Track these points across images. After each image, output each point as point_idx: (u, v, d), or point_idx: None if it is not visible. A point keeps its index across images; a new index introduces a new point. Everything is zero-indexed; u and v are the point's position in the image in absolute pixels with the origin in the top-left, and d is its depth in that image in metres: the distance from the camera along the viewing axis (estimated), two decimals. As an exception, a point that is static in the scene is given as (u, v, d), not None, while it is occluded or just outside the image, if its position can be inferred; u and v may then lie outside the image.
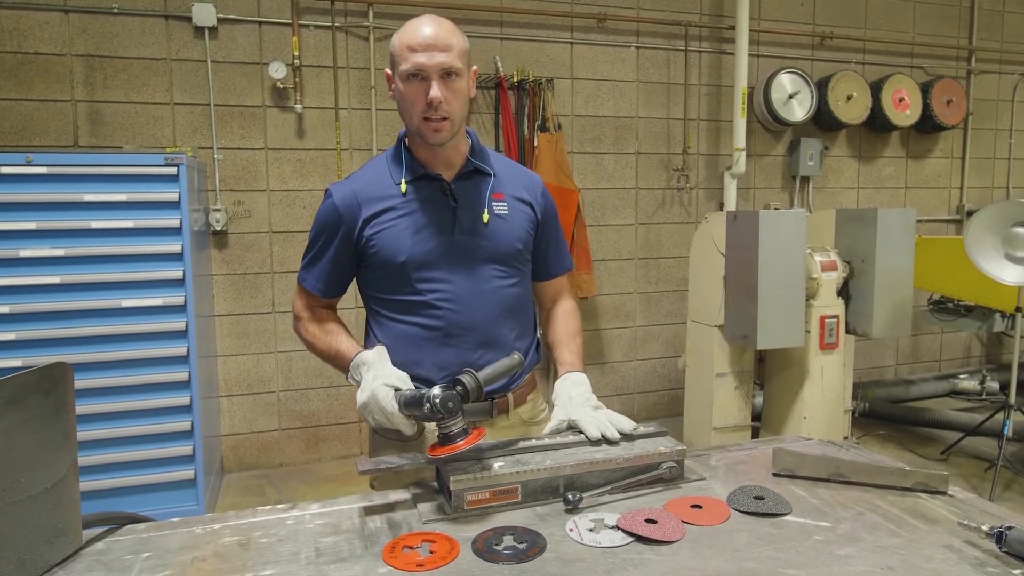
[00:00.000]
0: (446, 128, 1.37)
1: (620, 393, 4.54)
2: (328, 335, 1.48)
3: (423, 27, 1.35)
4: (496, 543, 1.05)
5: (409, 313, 1.45)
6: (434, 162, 1.45)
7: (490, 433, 1.46)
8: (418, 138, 1.42)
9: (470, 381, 1.20)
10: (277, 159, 3.76)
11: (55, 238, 2.79)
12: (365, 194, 1.43)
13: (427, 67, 1.32)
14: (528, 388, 1.58)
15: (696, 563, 0.99)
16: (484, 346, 1.44)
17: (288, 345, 3.85)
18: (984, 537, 1.02)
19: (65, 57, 3.40)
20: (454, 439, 1.16)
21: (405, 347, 1.43)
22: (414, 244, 1.40)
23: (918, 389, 4.92)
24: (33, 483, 0.98)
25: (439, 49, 1.33)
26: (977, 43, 5.19)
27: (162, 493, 2.99)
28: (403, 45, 1.34)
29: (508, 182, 1.51)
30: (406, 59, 1.33)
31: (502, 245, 1.46)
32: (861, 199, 5.04)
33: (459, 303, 1.42)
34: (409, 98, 1.35)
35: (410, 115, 1.37)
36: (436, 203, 1.43)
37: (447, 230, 1.42)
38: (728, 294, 3.40)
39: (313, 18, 3.73)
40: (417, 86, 1.34)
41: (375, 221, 1.42)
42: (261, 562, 1.02)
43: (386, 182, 1.44)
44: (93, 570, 1.01)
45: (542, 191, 1.56)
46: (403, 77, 1.35)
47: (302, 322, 1.54)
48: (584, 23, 4.20)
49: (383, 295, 1.47)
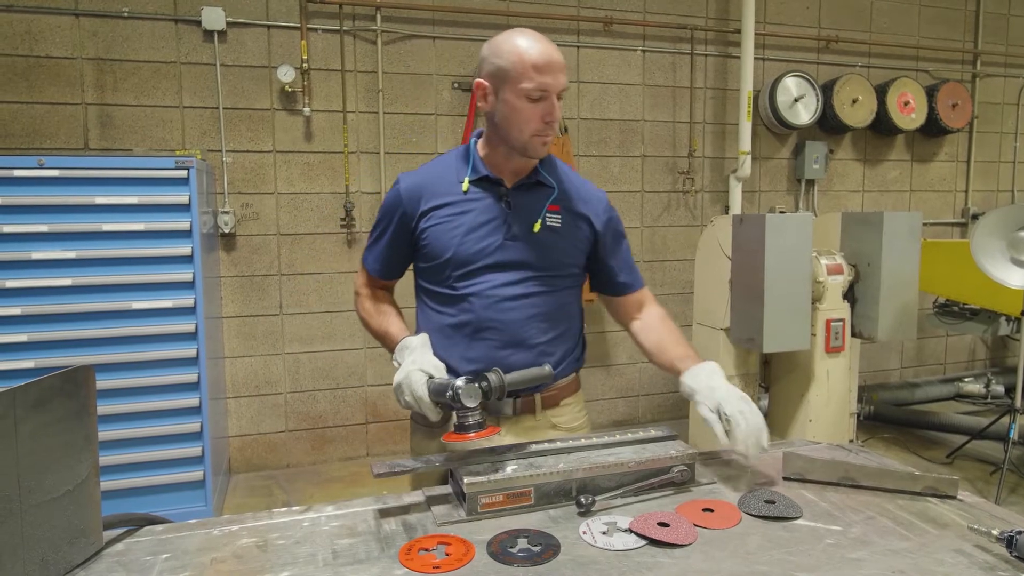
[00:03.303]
0: (551, 142, 1.44)
1: (625, 396, 4.55)
2: (381, 315, 1.57)
3: (545, 47, 1.37)
4: (511, 545, 1.06)
5: (446, 305, 1.50)
6: (502, 168, 1.49)
7: (512, 432, 1.50)
8: (518, 150, 1.44)
9: (495, 380, 1.26)
10: (285, 162, 3.78)
11: (67, 240, 2.81)
12: (429, 187, 1.49)
13: (552, 88, 1.37)
14: (564, 392, 1.58)
15: (709, 566, 1.00)
16: (512, 346, 1.47)
17: (295, 347, 3.87)
18: (994, 541, 1.02)
19: (76, 60, 3.43)
20: (468, 430, 1.23)
21: (439, 338, 1.49)
22: (461, 243, 1.45)
23: (923, 392, 4.92)
24: (56, 485, 1.00)
25: (561, 71, 1.37)
26: (982, 47, 5.19)
27: (170, 494, 3.00)
28: (526, 64, 1.35)
29: (569, 197, 1.53)
30: (530, 78, 1.35)
31: (548, 255, 1.49)
32: (866, 202, 5.05)
33: (491, 302, 1.46)
34: (525, 115, 1.38)
35: (520, 130, 1.40)
36: (492, 206, 1.48)
37: (497, 234, 1.46)
38: (734, 297, 3.40)
39: (321, 22, 3.76)
40: (537, 105, 1.38)
41: (432, 214, 1.47)
42: (279, 563, 1.03)
43: (451, 179, 1.50)
44: (114, 571, 1.03)
45: (605, 208, 1.58)
46: (522, 94, 1.37)
47: (360, 299, 1.63)
48: (590, 27, 4.22)
49: (428, 285, 1.53)
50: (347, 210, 3.84)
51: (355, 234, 3.91)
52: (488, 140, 1.50)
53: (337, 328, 3.94)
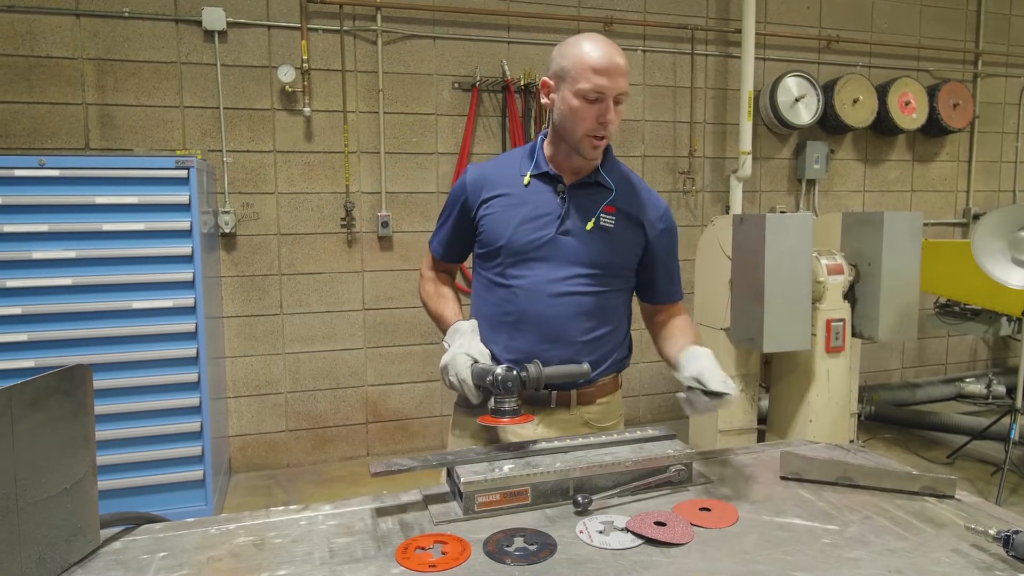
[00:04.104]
0: (603, 145, 1.48)
1: (625, 395, 4.54)
2: (439, 299, 1.64)
3: (607, 50, 1.40)
4: (507, 544, 1.06)
5: (495, 293, 1.55)
6: (563, 166, 1.53)
7: (546, 424, 1.54)
8: (572, 149, 1.48)
9: (534, 371, 1.33)
10: (285, 162, 3.79)
11: (67, 240, 2.82)
12: (493, 178, 1.56)
13: (608, 91, 1.40)
14: (601, 391, 1.60)
15: (705, 565, 1.00)
16: (551, 341, 1.50)
17: (295, 347, 3.87)
18: (991, 541, 1.02)
19: (76, 60, 3.43)
20: (503, 415, 1.32)
21: (487, 325, 1.54)
22: (515, 233, 1.50)
23: (924, 393, 4.91)
24: (53, 483, 1.00)
25: (620, 75, 1.40)
26: (984, 46, 5.19)
27: (171, 493, 3.01)
28: (585, 65, 1.39)
29: (626, 200, 1.56)
30: (588, 79, 1.39)
31: (597, 254, 1.51)
32: (867, 202, 5.04)
33: (535, 296, 1.49)
34: (581, 114, 1.42)
35: (575, 129, 1.44)
36: (549, 201, 1.52)
37: (550, 227, 1.50)
38: (734, 297, 3.40)
39: (322, 22, 3.76)
40: (592, 106, 1.41)
41: (492, 202, 1.53)
42: (276, 562, 1.04)
43: (514, 172, 1.56)
44: (111, 569, 1.03)
45: (661, 217, 1.59)
46: (580, 94, 1.40)
47: (424, 281, 1.71)
48: (590, 27, 4.21)
49: (483, 272, 1.59)
50: (347, 210, 3.84)
51: (355, 234, 3.92)
52: (551, 138, 1.55)
53: (337, 328, 3.94)
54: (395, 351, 4.06)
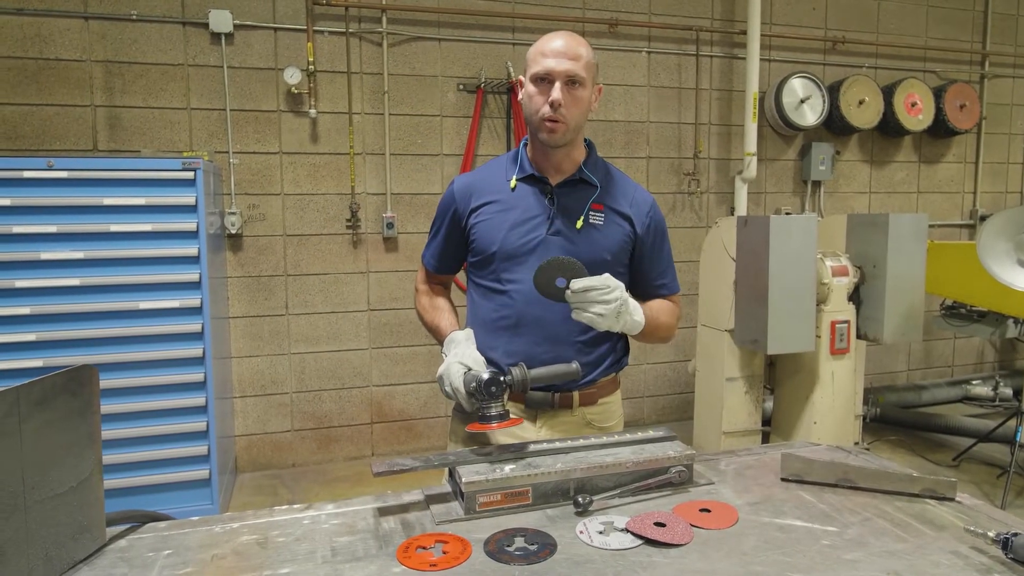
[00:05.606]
0: (560, 130, 1.48)
1: (630, 397, 4.55)
2: (435, 311, 1.66)
3: (558, 38, 1.48)
4: (508, 544, 1.07)
5: (492, 300, 1.56)
6: (545, 166, 1.56)
7: (549, 426, 1.56)
8: (536, 138, 1.53)
9: (517, 374, 1.34)
10: (291, 163, 3.81)
11: (75, 241, 2.84)
12: (480, 186, 1.59)
13: (555, 72, 1.44)
14: (602, 391, 1.61)
15: (705, 566, 1.01)
16: (549, 341, 1.52)
17: (301, 347, 3.89)
18: (990, 543, 1.02)
19: (85, 63, 3.46)
20: (489, 420, 1.31)
21: (484, 331, 1.56)
22: (506, 238, 1.52)
23: (930, 395, 4.90)
24: (60, 482, 1.02)
25: (568, 57, 1.45)
26: (991, 47, 5.16)
27: (177, 492, 3.03)
28: (537, 51, 1.48)
29: (613, 196, 1.58)
30: (538, 63, 1.47)
31: (589, 252, 1.51)
32: (873, 204, 5.03)
33: (531, 298, 1.49)
34: (535, 99, 1.48)
35: (532, 113, 1.49)
36: (537, 203, 1.54)
37: (540, 229, 1.52)
38: (739, 299, 3.40)
39: (327, 24, 3.78)
40: (543, 88, 1.47)
41: (481, 210, 1.56)
42: (279, 560, 1.05)
43: (500, 178, 1.59)
44: (117, 567, 1.04)
45: (648, 211, 1.61)
46: (533, 79, 1.48)
47: (418, 295, 1.73)
48: (595, 28, 4.23)
49: (477, 279, 1.61)
50: (353, 211, 3.86)
51: (360, 235, 3.93)
52: (530, 139, 1.58)
53: (343, 328, 3.96)
54: (400, 352, 4.07)
